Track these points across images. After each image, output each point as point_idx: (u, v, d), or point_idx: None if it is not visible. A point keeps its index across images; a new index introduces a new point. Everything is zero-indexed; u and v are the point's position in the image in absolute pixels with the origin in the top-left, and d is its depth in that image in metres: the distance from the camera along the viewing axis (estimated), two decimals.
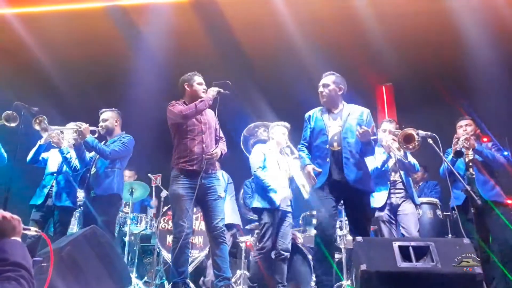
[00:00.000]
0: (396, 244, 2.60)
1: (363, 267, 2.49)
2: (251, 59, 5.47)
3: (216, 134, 3.61)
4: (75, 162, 4.18)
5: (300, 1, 4.79)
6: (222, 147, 3.55)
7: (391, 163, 3.96)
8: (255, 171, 4.08)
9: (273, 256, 3.99)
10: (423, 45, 5.42)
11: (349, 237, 4.28)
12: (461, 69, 5.66)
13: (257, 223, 5.20)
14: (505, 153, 4.00)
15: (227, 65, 5.34)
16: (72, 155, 4.20)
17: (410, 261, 2.53)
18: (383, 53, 5.40)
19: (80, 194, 4.68)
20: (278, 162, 4.20)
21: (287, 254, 4.11)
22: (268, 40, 5.24)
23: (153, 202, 5.97)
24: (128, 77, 5.56)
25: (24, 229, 1.63)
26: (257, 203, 4.05)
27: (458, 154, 3.64)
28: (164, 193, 5.10)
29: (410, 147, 3.58)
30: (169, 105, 3.51)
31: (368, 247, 2.65)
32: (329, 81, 3.39)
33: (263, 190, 4.01)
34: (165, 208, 4.94)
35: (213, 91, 3.43)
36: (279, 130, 4.31)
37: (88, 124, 3.93)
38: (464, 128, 3.99)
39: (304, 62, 5.20)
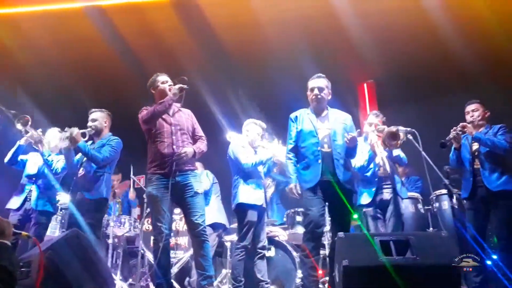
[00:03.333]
0: (377, 239, 2.64)
1: (345, 262, 2.53)
2: (233, 58, 5.45)
3: (195, 133, 3.57)
4: (57, 165, 4.12)
5: (280, 0, 4.80)
6: (198, 146, 3.49)
7: (378, 159, 3.92)
8: (250, 164, 4.05)
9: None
10: (404, 42, 5.48)
11: None
12: (441, 65, 5.77)
13: None
14: None
15: (208, 64, 5.34)
16: (53, 158, 4.14)
17: (391, 255, 2.57)
18: (365, 51, 5.47)
19: (62, 197, 4.64)
20: None
21: (265, 252, 4.15)
22: (250, 39, 5.24)
23: (130, 194, 6.00)
24: (109, 77, 5.51)
25: (14, 233, 1.66)
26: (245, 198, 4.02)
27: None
28: None
29: (394, 143, 3.64)
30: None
31: (350, 242, 2.69)
32: (323, 84, 3.48)
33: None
34: (149, 209, 4.89)
35: (175, 89, 3.37)
36: (255, 129, 4.29)
37: (78, 128, 3.79)
38: (471, 114, 3.82)
39: (286, 60, 5.24)
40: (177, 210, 4.34)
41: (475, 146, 3.74)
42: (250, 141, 4.26)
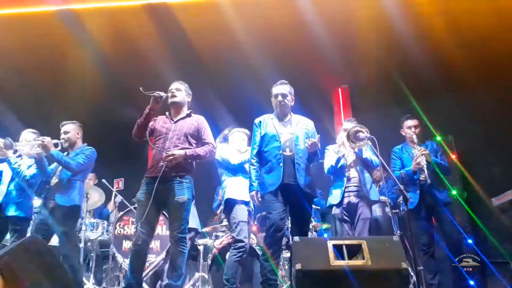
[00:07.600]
0: (330, 243, 2.71)
1: (298, 266, 2.59)
2: (205, 64, 5.48)
3: (202, 139, 3.54)
4: (27, 172, 4.12)
5: (251, 9, 4.85)
6: (193, 149, 3.44)
7: (349, 160, 4.04)
8: (238, 161, 4.11)
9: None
10: (375, 48, 5.58)
11: None
12: (412, 71, 5.89)
13: (215, 226, 5.27)
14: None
15: (180, 68, 5.34)
16: (21, 163, 4.14)
17: (343, 259, 2.64)
18: (337, 57, 5.56)
19: (37, 203, 4.64)
20: None
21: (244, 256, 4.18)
22: (223, 45, 5.27)
23: (110, 205, 5.93)
24: (81, 82, 5.49)
25: None
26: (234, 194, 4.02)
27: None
28: (118, 198, 5.09)
29: (358, 143, 3.72)
30: None
31: (305, 246, 2.75)
32: (286, 91, 3.59)
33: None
34: (121, 213, 4.92)
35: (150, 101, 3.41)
36: (239, 136, 4.39)
37: (50, 138, 3.87)
38: (414, 130, 4.21)
39: (258, 67, 5.27)
40: None
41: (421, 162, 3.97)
42: (236, 148, 4.34)
